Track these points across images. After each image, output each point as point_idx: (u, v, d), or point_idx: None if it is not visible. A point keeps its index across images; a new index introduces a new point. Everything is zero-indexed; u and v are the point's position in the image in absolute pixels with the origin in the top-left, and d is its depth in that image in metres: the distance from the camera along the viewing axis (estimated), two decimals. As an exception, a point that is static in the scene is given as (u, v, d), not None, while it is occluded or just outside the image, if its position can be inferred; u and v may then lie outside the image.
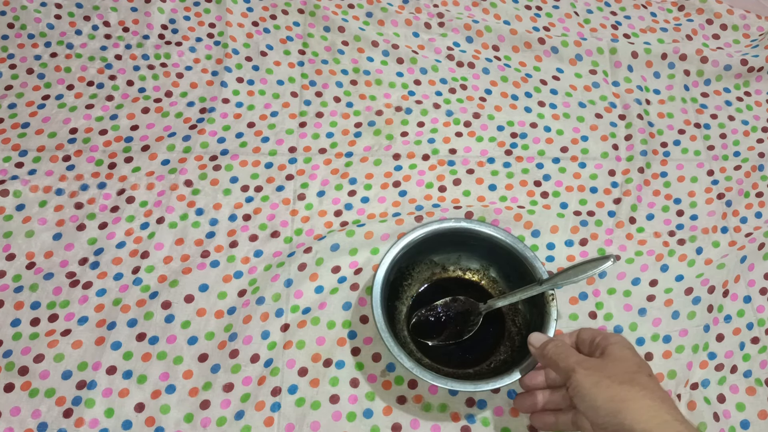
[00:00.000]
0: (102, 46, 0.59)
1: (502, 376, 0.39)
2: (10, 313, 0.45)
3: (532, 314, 0.44)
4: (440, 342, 0.44)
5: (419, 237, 0.44)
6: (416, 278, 0.47)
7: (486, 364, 0.44)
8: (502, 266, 0.47)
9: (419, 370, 0.39)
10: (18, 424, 0.41)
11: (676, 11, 0.67)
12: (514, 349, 0.44)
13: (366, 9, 0.63)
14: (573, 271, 0.40)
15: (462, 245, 0.47)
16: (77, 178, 0.51)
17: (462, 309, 0.45)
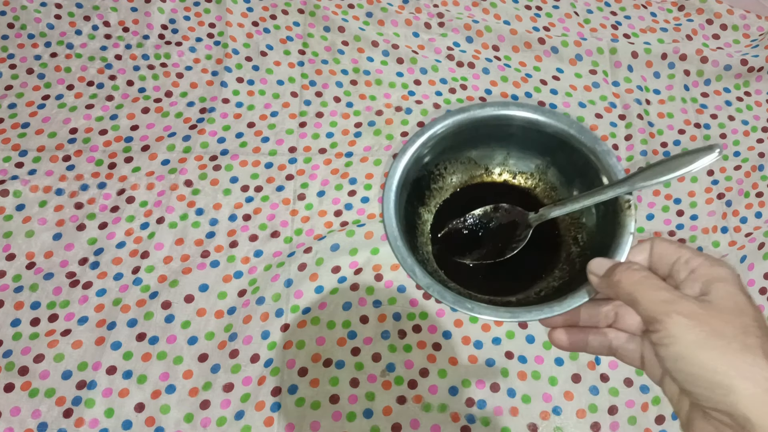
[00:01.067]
0: (102, 46, 0.59)
1: (552, 303, 0.29)
2: (10, 313, 0.45)
3: (600, 229, 0.34)
4: (474, 261, 0.35)
5: (453, 125, 0.34)
6: (448, 180, 0.36)
7: (533, 291, 0.34)
8: (564, 167, 0.36)
9: (438, 288, 0.29)
10: (18, 424, 0.41)
11: (676, 11, 0.67)
12: (573, 275, 0.33)
13: (366, 9, 0.63)
14: (661, 167, 0.29)
15: (510, 140, 0.36)
16: (77, 178, 0.51)
17: (506, 220, 0.35)
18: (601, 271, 0.27)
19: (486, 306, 0.28)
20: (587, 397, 0.45)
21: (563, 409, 0.44)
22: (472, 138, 0.35)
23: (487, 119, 0.34)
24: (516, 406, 0.44)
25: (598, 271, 0.28)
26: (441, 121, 0.33)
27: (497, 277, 0.34)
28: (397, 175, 0.32)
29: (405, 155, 0.33)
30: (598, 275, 0.28)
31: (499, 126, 0.35)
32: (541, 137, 0.34)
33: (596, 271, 0.28)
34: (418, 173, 0.34)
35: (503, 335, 0.47)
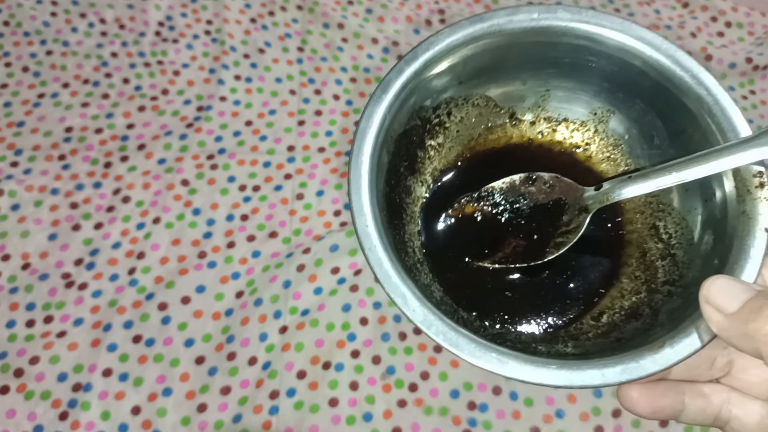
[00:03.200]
0: (98, 43, 0.58)
1: (636, 354, 0.17)
2: (5, 315, 0.45)
3: (702, 217, 0.21)
4: (494, 263, 0.22)
5: (462, 44, 0.21)
6: (453, 134, 0.24)
7: (590, 317, 0.22)
8: (639, 114, 0.23)
9: (443, 327, 0.17)
10: (14, 427, 0.41)
11: (680, 8, 0.66)
12: (654, 287, 0.22)
13: (366, 5, 0.62)
14: None
15: (553, 68, 0.23)
16: (72, 178, 0.51)
17: (546, 199, 0.22)
18: (732, 304, 0.16)
19: (525, 358, 0.17)
20: (590, 400, 0.44)
21: (566, 412, 0.44)
22: (492, 65, 0.22)
23: (517, 33, 0.21)
24: (518, 409, 0.44)
25: (725, 304, 0.16)
26: (443, 39, 0.21)
27: (529, 292, 0.22)
28: (374, 126, 0.20)
29: (387, 93, 0.20)
30: (724, 311, 0.16)
31: (536, 46, 0.22)
32: (605, 65, 0.22)
33: (721, 302, 0.16)
34: (407, 122, 0.22)
35: (505, 337, 0.46)
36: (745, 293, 0.16)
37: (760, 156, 0.19)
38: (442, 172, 0.24)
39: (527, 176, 0.23)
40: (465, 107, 0.24)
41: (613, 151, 0.24)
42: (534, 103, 0.25)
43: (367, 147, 0.20)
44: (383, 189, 0.21)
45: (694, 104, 0.21)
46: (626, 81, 0.22)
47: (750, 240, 0.19)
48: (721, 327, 0.16)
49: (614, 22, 0.22)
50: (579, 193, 0.22)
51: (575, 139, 0.24)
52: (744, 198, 0.19)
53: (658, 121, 0.22)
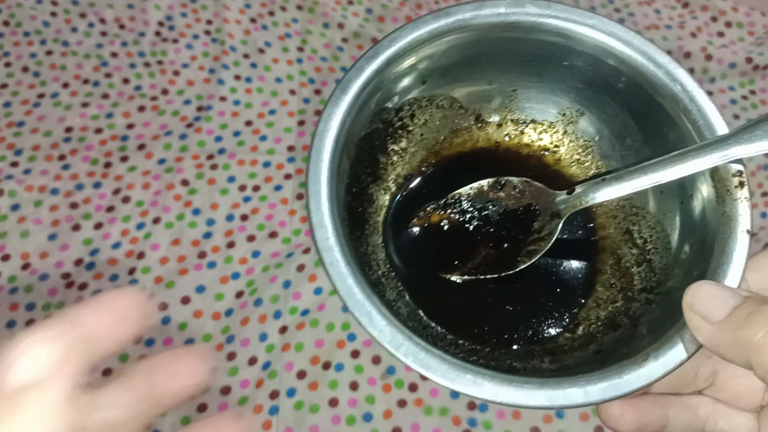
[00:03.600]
0: (98, 43, 0.58)
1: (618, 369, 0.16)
2: (6, 315, 0.45)
3: (682, 223, 0.21)
4: (464, 275, 0.21)
5: (425, 40, 0.20)
6: (417, 137, 0.23)
7: (566, 330, 0.21)
8: (610, 114, 0.22)
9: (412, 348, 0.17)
10: (13, 428, 0.41)
11: (680, 8, 0.66)
12: (631, 295, 0.21)
13: (366, 5, 0.62)
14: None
15: (522, 67, 0.22)
16: (72, 178, 0.51)
17: (515, 205, 0.22)
18: (719, 311, 0.15)
19: (503, 378, 0.16)
20: (590, 401, 0.44)
21: (566, 412, 0.44)
22: (457, 63, 0.21)
23: (483, 29, 0.20)
24: (518, 409, 0.44)
25: (711, 312, 0.15)
26: (405, 34, 0.20)
27: (501, 305, 0.21)
28: (333, 129, 0.18)
29: (347, 93, 0.19)
30: (711, 319, 0.15)
31: (503, 42, 0.21)
32: (575, 62, 0.21)
33: (708, 310, 0.15)
34: (368, 125, 0.21)
35: (505, 337, 0.46)
36: (732, 299, 0.15)
37: (739, 154, 0.18)
38: (407, 179, 0.23)
39: (496, 181, 0.22)
40: (429, 109, 0.23)
41: (583, 153, 0.23)
42: (500, 104, 0.24)
43: (326, 152, 0.18)
44: (344, 198, 0.20)
45: (669, 102, 0.20)
46: (597, 79, 0.21)
47: (732, 243, 0.18)
48: (708, 336, 0.15)
49: (585, 16, 0.21)
50: (551, 197, 0.21)
51: (544, 142, 0.24)
52: (724, 198, 0.19)
53: (631, 121, 0.21)
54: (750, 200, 0.19)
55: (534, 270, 0.21)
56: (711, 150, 0.18)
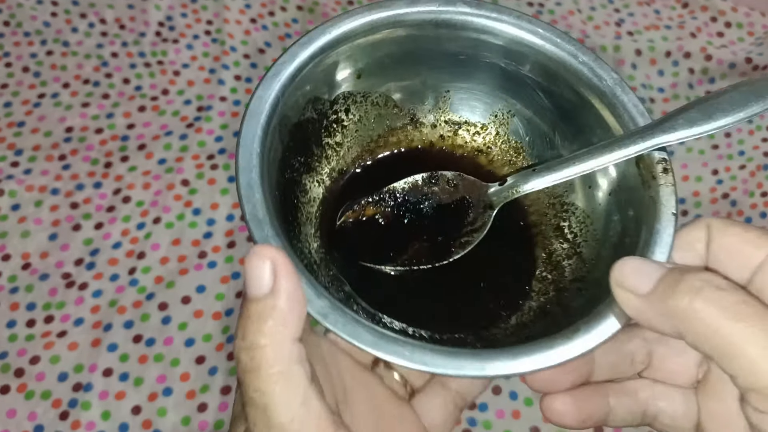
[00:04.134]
0: (98, 43, 0.58)
1: (542, 344, 0.17)
2: (6, 315, 0.45)
3: (605, 212, 0.21)
4: (397, 267, 0.22)
5: (360, 33, 0.21)
6: (352, 132, 0.23)
7: (501, 319, 0.21)
8: (541, 114, 0.23)
9: (342, 318, 0.17)
10: (14, 427, 0.41)
11: (680, 8, 0.66)
12: (563, 287, 0.21)
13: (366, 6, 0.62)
14: (720, 102, 0.18)
15: (454, 67, 0.23)
16: (73, 178, 0.51)
17: (450, 199, 0.22)
18: (645, 284, 0.15)
19: (433, 349, 0.16)
20: (590, 400, 0.44)
21: (565, 412, 0.44)
22: (391, 59, 0.22)
23: (417, 25, 0.20)
24: (518, 409, 0.44)
25: (637, 285, 0.15)
26: (340, 24, 0.20)
27: (437, 296, 0.21)
28: (266, 109, 0.18)
29: (280, 76, 0.19)
30: (638, 292, 0.15)
31: (436, 40, 0.21)
32: (504, 61, 0.21)
33: (633, 283, 0.15)
34: (302, 112, 0.21)
35: (504, 337, 0.46)
36: (656, 272, 0.15)
37: (662, 142, 0.18)
38: (341, 173, 0.23)
39: (430, 175, 0.22)
40: (364, 105, 0.23)
41: (515, 154, 0.24)
42: (434, 104, 0.24)
43: (258, 131, 0.18)
44: (277, 180, 0.20)
45: (594, 98, 0.20)
46: (526, 79, 0.22)
47: (658, 224, 0.18)
48: (637, 310, 0.16)
49: (512, 15, 0.21)
50: (483, 190, 0.22)
51: (477, 143, 0.24)
52: (650, 184, 0.19)
53: (559, 120, 0.22)
54: (675, 186, 0.19)
55: (471, 264, 0.21)
56: (635, 140, 0.19)
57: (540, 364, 0.16)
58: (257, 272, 0.16)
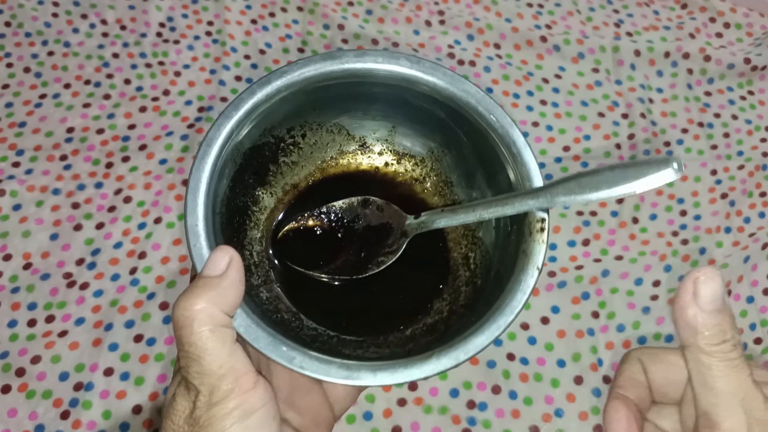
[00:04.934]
0: (99, 44, 0.58)
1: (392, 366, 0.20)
2: (7, 314, 0.45)
3: (499, 251, 0.25)
4: (324, 275, 0.25)
5: (316, 76, 0.24)
6: (307, 154, 0.27)
7: (398, 331, 0.25)
8: (465, 156, 0.27)
9: (245, 320, 0.21)
10: (15, 426, 0.41)
11: (678, 9, 0.66)
12: (457, 310, 0.25)
13: (366, 6, 0.62)
14: (594, 179, 0.21)
15: (399, 108, 0.27)
16: (74, 178, 0.51)
17: (376, 221, 0.26)
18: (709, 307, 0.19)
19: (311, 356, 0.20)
20: (590, 400, 0.44)
21: (565, 411, 0.44)
22: (344, 99, 0.26)
23: (364, 74, 0.24)
24: (518, 408, 0.44)
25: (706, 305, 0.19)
26: (296, 69, 0.23)
27: (353, 303, 0.25)
28: (222, 137, 0.22)
29: (238, 110, 0.23)
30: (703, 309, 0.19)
31: (382, 86, 0.25)
32: (439, 111, 0.25)
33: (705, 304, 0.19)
34: (258, 139, 0.24)
35: (504, 337, 0.47)
36: (720, 299, 0.19)
37: (544, 205, 0.22)
38: (294, 187, 0.27)
39: (364, 199, 0.26)
40: (319, 132, 0.27)
41: (444, 187, 0.28)
42: (383, 136, 0.28)
43: (212, 155, 0.22)
44: (226, 194, 0.24)
45: (504, 155, 0.24)
46: (455, 127, 0.26)
47: (523, 275, 0.22)
48: (693, 318, 0.19)
49: (446, 74, 0.25)
50: (402, 219, 0.26)
51: (415, 173, 0.28)
52: (526, 239, 0.23)
53: (478, 165, 0.26)
54: (547, 243, 0.23)
55: (390, 279, 0.25)
56: (527, 198, 0.22)
57: (393, 380, 0.20)
58: (218, 260, 0.20)
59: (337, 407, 0.25)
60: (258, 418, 0.19)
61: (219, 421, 0.19)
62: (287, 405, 0.23)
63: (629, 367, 0.21)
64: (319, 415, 0.24)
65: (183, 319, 0.19)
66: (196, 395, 0.19)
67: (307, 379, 0.23)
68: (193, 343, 0.19)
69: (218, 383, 0.19)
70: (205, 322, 0.19)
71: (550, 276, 0.49)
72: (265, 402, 0.20)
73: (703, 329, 0.19)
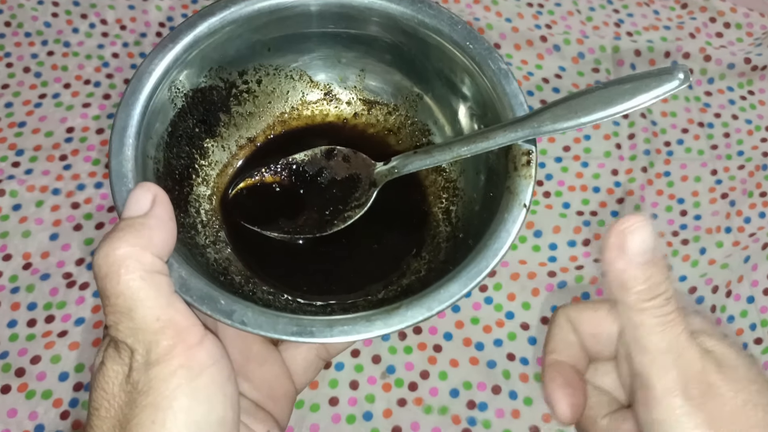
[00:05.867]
0: (99, 44, 0.58)
1: (352, 321, 0.18)
2: (7, 314, 0.45)
3: (484, 199, 0.22)
4: (285, 234, 0.23)
5: (267, 7, 0.21)
6: (264, 103, 0.24)
7: (370, 292, 0.22)
8: (445, 97, 0.24)
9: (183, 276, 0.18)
10: (15, 426, 0.41)
11: (678, 9, 0.66)
12: (436, 266, 0.22)
13: (366, 7, 0.62)
14: (586, 99, 0.19)
15: (369, 48, 0.24)
16: (74, 178, 0.51)
17: (343, 174, 0.23)
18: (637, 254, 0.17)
19: (261, 311, 0.17)
20: (589, 400, 0.44)
21: (565, 411, 0.44)
22: (304, 36, 0.22)
23: (325, 5, 0.21)
24: (518, 408, 0.44)
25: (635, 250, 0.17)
26: (244, 2, 0.21)
27: (322, 266, 0.22)
28: (157, 72, 0.19)
29: (176, 43, 0.20)
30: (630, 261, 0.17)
31: (345, 20, 0.22)
32: (413, 47, 0.22)
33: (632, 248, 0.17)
34: (204, 80, 0.21)
35: (505, 337, 0.47)
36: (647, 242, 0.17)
37: (530, 134, 0.20)
38: (250, 141, 0.24)
39: (329, 149, 0.23)
40: (278, 78, 0.24)
41: (421, 136, 0.25)
42: (351, 83, 0.25)
43: (144, 92, 0.20)
44: (164, 140, 0.21)
45: (487, 87, 0.22)
46: (430, 65, 0.23)
47: (508, 214, 0.20)
48: (618, 269, 0.18)
49: (423, 2, 0.22)
50: (371, 168, 0.23)
51: (388, 123, 0.25)
52: (510, 174, 0.20)
53: (461, 105, 0.23)
54: (534, 178, 0.20)
55: (362, 238, 0.22)
56: (509, 129, 0.20)
57: (351, 336, 0.17)
58: (138, 198, 0.17)
59: (298, 379, 0.22)
60: (209, 377, 0.16)
61: (162, 382, 0.16)
62: (241, 377, 0.20)
63: (558, 329, 0.20)
64: (278, 388, 0.21)
65: (106, 267, 0.16)
66: (130, 356, 0.16)
67: (262, 348, 0.21)
68: (121, 293, 0.16)
69: (156, 338, 0.16)
70: (134, 268, 0.16)
71: (550, 276, 0.49)
72: (216, 359, 0.17)
73: (634, 284, 0.17)
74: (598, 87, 0.19)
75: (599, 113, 0.19)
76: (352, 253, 0.23)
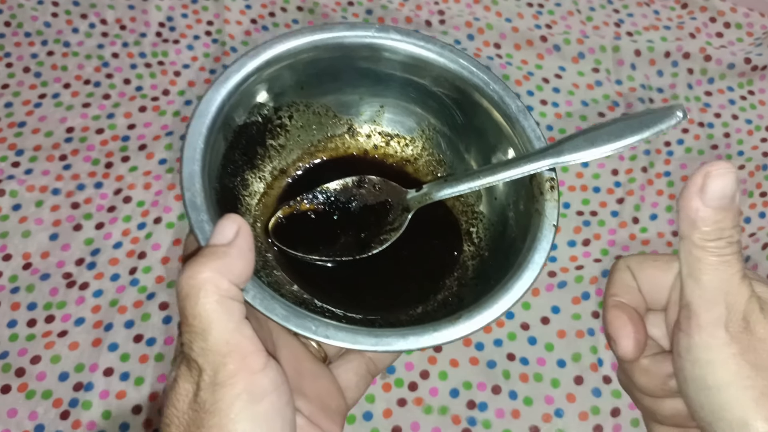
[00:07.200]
0: (99, 44, 0.58)
1: (422, 330, 0.20)
2: (7, 314, 0.45)
3: (505, 221, 0.25)
4: (323, 258, 0.24)
5: (306, 49, 0.24)
6: (295, 137, 0.26)
7: (410, 309, 0.24)
8: (461, 132, 0.26)
9: (261, 293, 0.20)
10: (15, 426, 0.41)
11: (679, 9, 0.66)
12: (467, 283, 0.25)
13: (366, 6, 0.62)
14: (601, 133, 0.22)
15: (388, 85, 0.26)
16: (74, 178, 0.51)
17: (374, 200, 0.25)
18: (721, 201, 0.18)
19: (336, 326, 0.19)
20: (590, 400, 0.44)
21: (565, 411, 0.44)
22: (332, 76, 0.25)
23: (354, 47, 0.24)
24: (518, 408, 0.44)
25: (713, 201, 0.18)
26: (285, 41, 0.23)
27: (359, 283, 0.24)
28: (213, 110, 0.21)
29: (228, 82, 0.22)
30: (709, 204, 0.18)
31: (370, 61, 0.24)
32: (431, 85, 0.25)
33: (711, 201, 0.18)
34: (247, 116, 0.24)
35: (504, 337, 0.47)
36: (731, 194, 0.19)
37: (552, 164, 0.22)
38: (282, 172, 0.26)
39: (359, 179, 0.26)
40: (306, 114, 0.26)
41: (437, 166, 0.27)
42: (370, 117, 0.27)
43: (204, 127, 0.21)
44: (218, 173, 0.23)
45: (503, 122, 0.24)
46: (448, 101, 0.26)
47: (540, 233, 0.22)
48: (697, 212, 0.19)
49: (437, 44, 0.25)
50: (402, 194, 0.25)
51: (406, 154, 0.27)
52: (538, 199, 0.23)
53: (473, 139, 0.26)
54: (558, 201, 0.23)
55: (398, 258, 0.25)
56: (531, 160, 0.23)
57: (425, 343, 0.19)
58: (225, 228, 0.19)
59: (349, 395, 0.23)
60: (269, 403, 0.17)
61: (227, 405, 0.17)
62: (295, 392, 0.21)
63: (620, 275, 0.21)
64: (330, 403, 0.22)
65: (188, 288, 0.17)
66: (199, 375, 0.17)
67: (314, 365, 0.22)
68: (198, 314, 0.17)
69: (224, 360, 0.17)
70: (212, 293, 0.17)
71: (550, 276, 0.49)
72: (277, 386, 0.18)
73: (702, 224, 0.18)
74: (608, 123, 0.21)
75: (612, 144, 0.21)
76: (389, 273, 0.25)
